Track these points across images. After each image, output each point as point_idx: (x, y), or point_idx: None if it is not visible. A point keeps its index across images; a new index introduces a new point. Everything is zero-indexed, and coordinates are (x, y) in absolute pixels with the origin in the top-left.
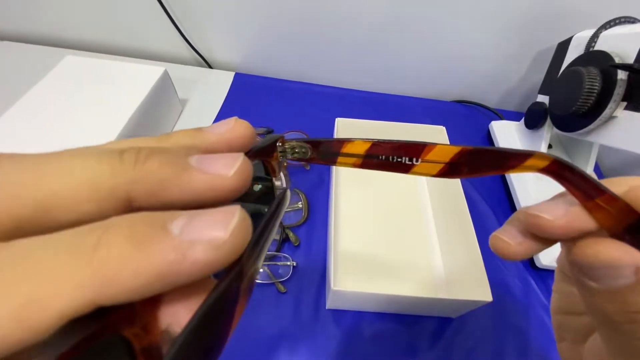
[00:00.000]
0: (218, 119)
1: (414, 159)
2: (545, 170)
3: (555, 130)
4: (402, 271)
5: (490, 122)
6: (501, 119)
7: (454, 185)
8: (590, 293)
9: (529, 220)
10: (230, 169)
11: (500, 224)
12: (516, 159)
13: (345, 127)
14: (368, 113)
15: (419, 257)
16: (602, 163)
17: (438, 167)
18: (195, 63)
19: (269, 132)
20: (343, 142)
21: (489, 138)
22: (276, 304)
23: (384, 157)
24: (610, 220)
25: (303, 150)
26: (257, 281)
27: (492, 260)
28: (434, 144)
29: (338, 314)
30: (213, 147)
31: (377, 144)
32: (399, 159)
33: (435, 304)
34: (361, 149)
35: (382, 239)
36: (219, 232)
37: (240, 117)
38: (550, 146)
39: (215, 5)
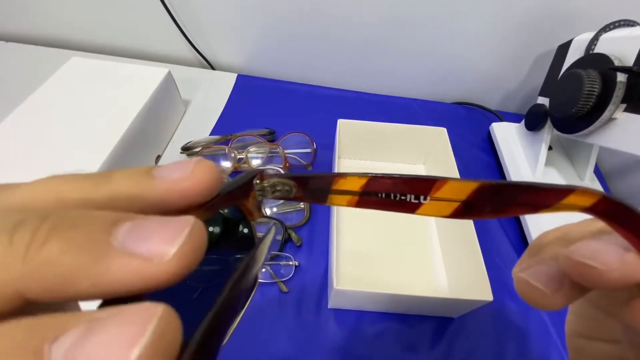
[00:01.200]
0: (221, 120)
1: (422, 197)
2: (591, 210)
3: (556, 132)
4: (404, 271)
5: (490, 123)
6: (502, 120)
7: None
8: None
9: (574, 268)
10: (170, 247)
11: (502, 224)
12: (552, 197)
13: (346, 129)
14: (370, 114)
15: (420, 257)
16: (602, 165)
17: (452, 207)
18: (198, 65)
19: (271, 133)
20: (334, 177)
21: (489, 140)
22: (278, 303)
23: (384, 194)
24: None
25: (286, 188)
26: (260, 280)
27: (492, 260)
28: (445, 179)
29: (340, 313)
30: (162, 199)
31: (375, 179)
32: (403, 197)
33: (436, 303)
34: (356, 185)
35: (384, 239)
36: (163, 245)
37: (243, 118)
38: (550, 148)
39: (219, 7)
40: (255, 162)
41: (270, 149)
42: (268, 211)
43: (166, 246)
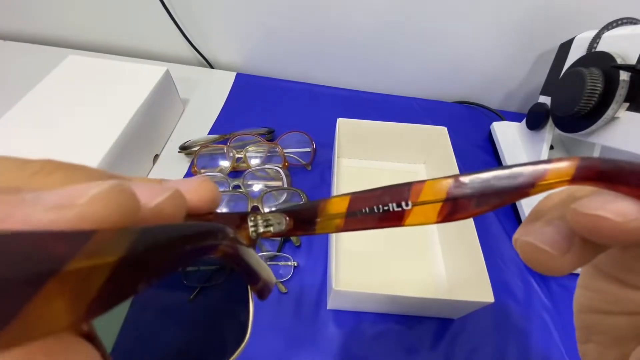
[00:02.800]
0: (219, 119)
1: (404, 203)
2: (578, 180)
3: (557, 131)
4: (404, 272)
5: (491, 123)
6: (503, 120)
7: None
8: None
9: (585, 223)
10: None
11: (502, 223)
12: (529, 177)
13: (346, 128)
14: (370, 114)
15: (420, 258)
16: None
17: (436, 208)
18: (197, 63)
19: (270, 132)
20: (319, 205)
21: (490, 139)
22: (277, 304)
23: (367, 209)
24: None
25: (278, 221)
26: None
27: (493, 261)
28: (423, 181)
29: (339, 314)
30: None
31: (356, 197)
32: (386, 207)
33: (436, 304)
34: (341, 207)
35: (383, 239)
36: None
37: (241, 117)
38: (552, 147)
39: (217, 5)
40: (254, 162)
41: (269, 148)
42: (267, 209)
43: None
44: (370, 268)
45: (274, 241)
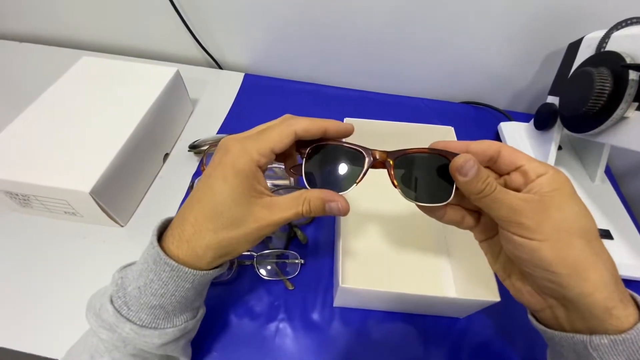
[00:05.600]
0: (228, 118)
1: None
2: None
3: (565, 131)
4: (410, 270)
5: (499, 123)
6: (510, 120)
7: None
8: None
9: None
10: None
11: None
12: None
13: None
14: (377, 114)
15: (426, 256)
16: (613, 165)
17: None
18: (206, 64)
19: None
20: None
21: (498, 139)
22: (284, 301)
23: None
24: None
25: None
26: (266, 277)
27: None
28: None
29: (345, 312)
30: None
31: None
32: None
33: (442, 303)
34: None
35: (390, 238)
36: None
37: (249, 117)
38: (560, 148)
39: (227, 8)
40: None
41: None
42: None
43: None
44: (377, 266)
45: (281, 239)
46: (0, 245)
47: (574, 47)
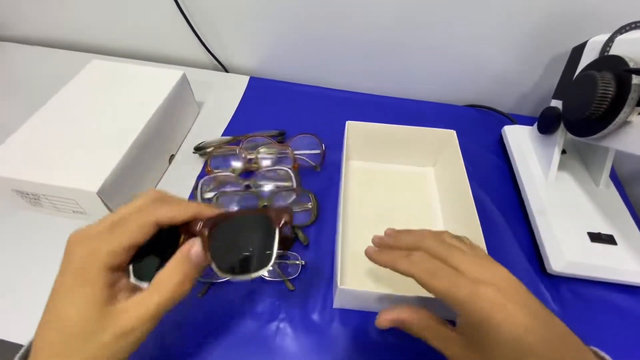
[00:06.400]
0: (233, 121)
1: None
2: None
3: (569, 135)
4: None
5: (503, 126)
6: (514, 123)
7: (463, 188)
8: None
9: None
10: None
11: (511, 227)
12: None
13: (355, 130)
14: (381, 117)
15: None
16: (620, 169)
17: None
18: (212, 67)
19: (281, 134)
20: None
21: (501, 143)
22: (284, 302)
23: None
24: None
25: None
26: (267, 278)
27: (500, 263)
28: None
29: (345, 313)
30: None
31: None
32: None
33: (442, 305)
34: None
35: None
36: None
37: (254, 119)
38: (564, 151)
39: (232, 12)
40: (265, 163)
41: (280, 149)
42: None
43: None
44: (377, 268)
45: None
46: (12, 243)
47: (578, 51)
